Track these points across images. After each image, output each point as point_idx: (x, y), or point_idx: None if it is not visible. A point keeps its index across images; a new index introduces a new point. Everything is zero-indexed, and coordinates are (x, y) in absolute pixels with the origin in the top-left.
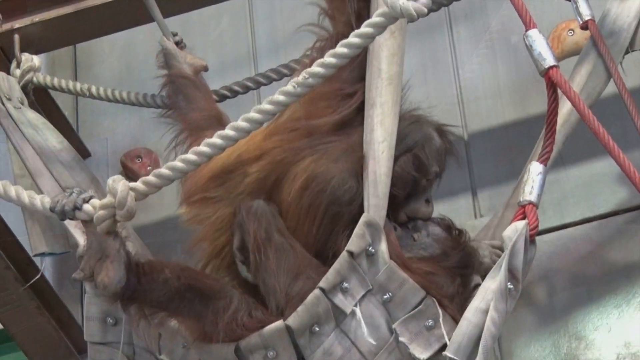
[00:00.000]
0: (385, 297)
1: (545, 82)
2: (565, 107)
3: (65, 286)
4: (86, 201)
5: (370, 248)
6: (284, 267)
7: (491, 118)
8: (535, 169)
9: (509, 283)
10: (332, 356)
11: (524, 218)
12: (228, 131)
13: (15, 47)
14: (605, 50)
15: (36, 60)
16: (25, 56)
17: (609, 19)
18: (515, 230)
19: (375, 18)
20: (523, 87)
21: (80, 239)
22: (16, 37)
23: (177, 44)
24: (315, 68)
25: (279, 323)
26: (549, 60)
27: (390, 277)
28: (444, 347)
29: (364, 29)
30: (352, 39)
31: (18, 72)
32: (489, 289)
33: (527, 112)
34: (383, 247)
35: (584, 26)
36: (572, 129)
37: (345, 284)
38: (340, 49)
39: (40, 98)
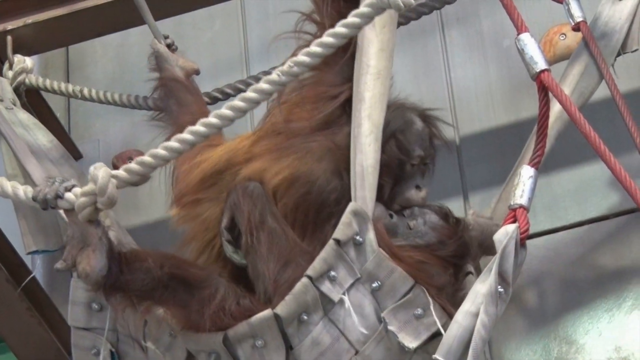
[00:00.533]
0: (374, 285)
1: (536, 86)
2: (557, 106)
3: (56, 288)
4: (68, 189)
5: (357, 237)
6: (275, 253)
7: (483, 121)
8: (526, 172)
9: (499, 286)
10: (321, 345)
11: (514, 221)
12: (212, 119)
13: (7, 48)
14: (597, 52)
15: (29, 61)
16: (17, 58)
17: (600, 21)
18: (505, 233)
19: (362, 8)
20: (515, 90)
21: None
22: (9, 38)
23: (168, 46)
24: (301, 57)
25: (267, 312)
26: (540, 64)
27: (379, 265)
28: (433, 336)
29: (351, 19)
30: (339, 28)
31: (10, 73)
32: (479, 293)
33: (518, 115)
34: (371, 235)
35: (576, 28)
36: (564, 126)
37: (332, 273)
38: (326, 38)
39: (32, 99)
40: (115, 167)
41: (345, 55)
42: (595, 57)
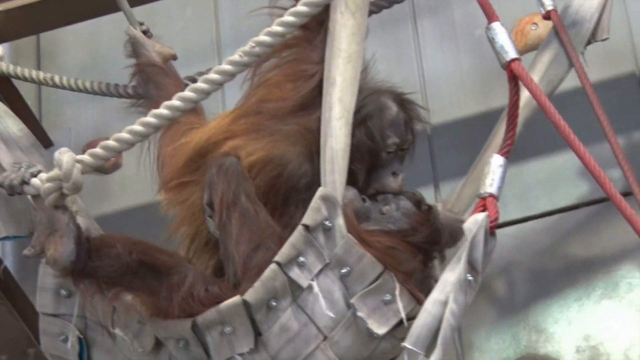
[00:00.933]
0: (343, 271)
1: (507, 75)
2: (525, 93)
3: (27, 276)
4: (34, 175)
5: (326, 222)
6: (246, 234)
7: (454, 110)
8: (496, 161)
9: (468, 275)
10: (289, 331)
11: (484, 210)
12: (175, 102)
13: None
14: (567, 40)
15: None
16: None
17: (571, 9)
18: (475, 222)
19: None
20: (486, 80)
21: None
22: None
23: (144, 33)
24: (262, 37)
25: (236, 298)
26: (511, 53)
27: (348, 251)
28: (401, 321)
29: None
30: (300, 7)
31: None
32: (448, 281)
33: (489, 104)
34: (340, 221)
35: (547, 16)
36: (532, 113)
37: (301, 258)
38: (287, 17)
39: (3, 87)
40: None
41: (322, 32)
42: (565, 45)
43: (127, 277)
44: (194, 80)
